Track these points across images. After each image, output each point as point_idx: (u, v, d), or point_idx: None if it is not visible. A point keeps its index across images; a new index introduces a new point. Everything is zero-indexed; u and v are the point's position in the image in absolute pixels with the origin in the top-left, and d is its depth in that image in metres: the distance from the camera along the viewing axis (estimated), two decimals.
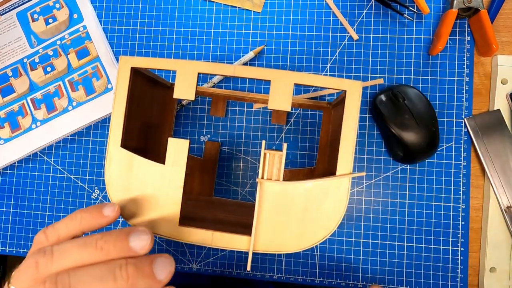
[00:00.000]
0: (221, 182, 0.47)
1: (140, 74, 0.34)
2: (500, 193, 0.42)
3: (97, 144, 0.48)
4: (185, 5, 0.48)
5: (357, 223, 0.44)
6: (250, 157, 0.47)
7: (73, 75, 0.48)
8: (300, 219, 0.30)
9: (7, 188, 0.49)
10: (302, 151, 0.46)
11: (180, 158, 0.30)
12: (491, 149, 0.43)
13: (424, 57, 0.45)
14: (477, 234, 0.44)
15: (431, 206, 0.44)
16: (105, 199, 0.47)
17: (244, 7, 0.47)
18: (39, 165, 0.49)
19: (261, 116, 0.47)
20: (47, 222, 0.48)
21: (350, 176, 0.30)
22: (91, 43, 0.48)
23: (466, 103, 0.44)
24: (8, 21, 0.49)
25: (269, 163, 0.30)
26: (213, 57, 0.48)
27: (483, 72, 0.45)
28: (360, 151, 0.45)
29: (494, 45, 0.41)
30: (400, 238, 0.44)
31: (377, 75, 0.45)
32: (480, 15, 0.42)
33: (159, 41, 0.48)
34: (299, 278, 0.45)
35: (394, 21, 0.46)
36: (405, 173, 0.44)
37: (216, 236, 0.30)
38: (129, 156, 0.31)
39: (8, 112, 0.48)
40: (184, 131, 0.47)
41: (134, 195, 0.31)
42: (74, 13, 0.48)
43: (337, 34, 0.46)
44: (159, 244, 0.46)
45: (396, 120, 0.41)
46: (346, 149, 0.30)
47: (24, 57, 0.49)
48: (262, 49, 0.47)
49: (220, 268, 0.46)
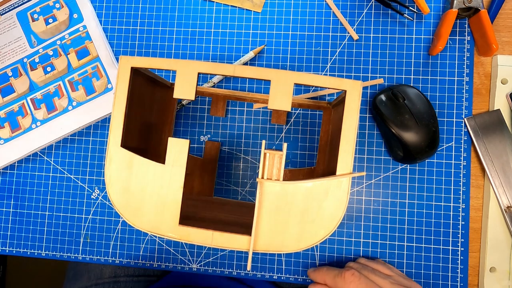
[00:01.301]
0: (221, 182, 0.47)
1: (140, 74, 0.34)
2: (500, 193, 0.42)
3: (97, 144, 0.48)
4: (185, 5, 0.48)
5: (357, 223, 0.44)
6: (250, 157, 0.47)
7: (73, 75, 0.48)
8: (300, 219, 0.30)
9: (7, 188, 0.49)
10: (302, 151, 0.46)
11: (180, 158, 0.30)
12: (491, 149, 0.43)
13: (424, 57, 0.45)
14: (477, 234, 0.44)
15: (431, 206, 0.44)
16: (105, 199, 0.47)
17: (244, 7, 0.47)
18: (39, 165, 0.49)
19: (261, 116, 0.47)
20: (47, 222, 0.48)
21: (350, 176, 0.30)
22: (91, 43, 0.48)
23: (466, 103, 0.44)
24: (8, 21, 0.49)
25: (269, 163, 0.30)
26: (213, 57, 0.48)
27: (483, 72, 0.45)
28: (360, 151, 0.45)
29: (494, 45, 0.41)
30: (400, 238, 0.44)
31: (377, 75, 0.45)
32: (480, 15, 0.42)
33: (159, 41, 0.48)
34: (299, 278, 0.45)
35: (394, 21, 0.46)
36: (405, 173, 0.44)
37: (216, 236, 0.30)
38: (129, 156, 0.31)
39: (8, 112, 0.48)
40: (184, 131, 0.47)
41: (134, 195, 0.31)
42: (74, 13, 0.49)
43: (337, 34, 0.46)
44: (159, 244, 0.46)
45: (396, 120, 0.41)
46: (346, 149, 0.30)
47: (24, 57, 0.49)
48: (262, 49, 0.47)
49: (220, 268, 0.46)
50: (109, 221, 0.47)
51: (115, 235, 0.47)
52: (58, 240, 0.48)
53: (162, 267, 0.46)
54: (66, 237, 0.47)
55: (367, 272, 0.38)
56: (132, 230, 0.47)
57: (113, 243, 0.47)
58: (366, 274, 0.38)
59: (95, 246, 0.47)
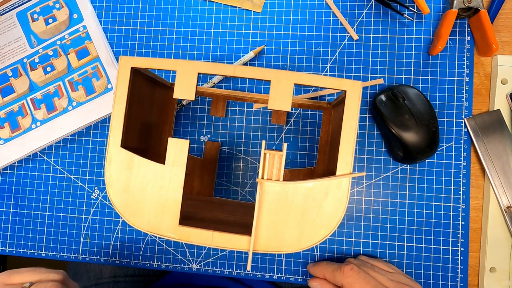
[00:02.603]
0: (221, 182, 0.47)
1: (140, 74, 0.34)
2: (500, 193, 0.42)
3: (97, 144, 0.48)
4: (185, 5, 0.48)
5: (357, 223, 0.44)
6: (250, 157, 0.47)
7: (73, 75, 0.48)
8: (300, 219, 0.30)
9: (7, 188, 0.49)
10: (302, 151, 0.46)
11: (180, 158, 0.30)
12: (491, 149, 0.43)
13: (424, 57, 0.45)
14: (477, 234, 0.44)
15: (431, 206, 0.44)
16: (105, 199, 0.47)
17: (244, 7, 0.47)
18: (39, 165, 0.49)
19: (261, 116, 0.47)
20: (47, 222, 0.48)
21: (350, 176, 0.30)
22: (91, 43, 0.48)
23: (466, 103, 0.44)
24: (8, 21, 0.49)
25: (269, 163, 0.30)
26: (213, 57, 0.48)
27: (483, 72, 0.45)
28: (360, 151, 0.45)
29: (494, 45, 0.41)
30: (400, 238, 0.44)
31: (377, 75, 0.45)
32: (480, 15, 0.42)
33: (159, 41, 0.48)
34: (299, 278, 0.45)
35: (394, 21, 0.46)
36: (405, 173, 0.44)
37: (216, 236, 0.30)
38: (129, 156, 0.31)
39: (8, 112, 0.48)
40: (184, 131, 0.47)
41: (134, 195, 0.31)
42: (74, 13, 0.48)
43: (337, 34, 0.46)
44: (159, 244, 0.46)
45: (396, 120, 0.41)
46: (346, 149, 0.30)
47: (24, 57, 0.49)
48: (262, 49, 0.47)
49: (220, 268, 0.46)
50: (109, 221, 0.47)
51: (115, 235, 0.47)
52: (58, 240, 0.48)
53: (162, 267, 0.46)
54: (66, 237, 0.47)
55: (366, 268, 0.38)
56: (132, 230, 0.47)
57: (113, 243, 0.47)
58: (365, 270, 0.38)
59: (95, 246, 0.47)
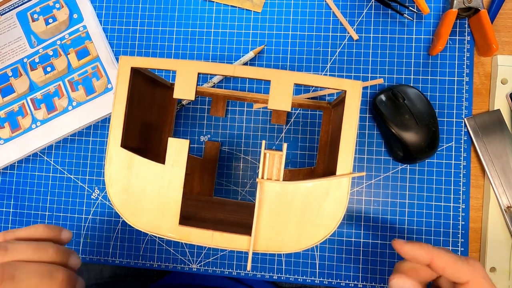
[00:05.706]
0: (221, 182, 0.47)
1: (140, 74, 0.34)
2: (500, 193, 0.42)
3: (97, 144, 0.48)
4: (185, 5, 0.48)
5: (357, 223, 0.44)
6: (250, 157, 0.47)
7: (73, 75, 0.48)
8: (300, 219, 0.30)
9: (7, 188, 0.49)
10: (302, 151, 0.46)
11: (180, 158, 0.30)
12: (491, 149, 0.43)
13: (424, 57, 0.45)
14: (477, 234, 0.44)
15: (431, 206, 0.44)
16: (105, 199, 0.47)
17: (244, 7, 0.47)
18: (39, 165, 0.49)
19: (261, 116, 0.47)
20: (47, 222, 0.48)
21: (350, 176, 0.30)
22: (91, 43, 0.48)
23: (466, 103, 0.44)
24: (8, 21, 0.49)
25: (269, 163, 0.30)
26: (213, 57, 0.48)
27: (483, 72, 0.45)
28: (360, 151, 0.45)
29: (494, 45, 0.41)
30: (400, 238, 0.44)
31: (377, 75, 0.45)
32: (480, 15, 0.42)
33: (159, 41, 0.48)
34: (299, 278, 0.45)
35: (394, 21, 0.46)
36: (405, 173, 0.44)
37: (216, 236, 0.30)
38: (129, 156, 0.31)
39: (8, 112, 0.48)
40: (184, 131, 0.47)
41: (134, 195, 0.31)
42: (74, 13, 0.48)
43: (337, 34, 0.46)
44: (159, 244, 0.46)
45: (396, 120, 0.41)
46: (346, 149, 0.30)
47: (24, 57, 0.49)
48: (262, 49, 0.47)
49: (220, 268, 0.46)
50: (109, 221, 0.47)
51: (115, 235, 0.47)
52: None
53: (162, 267, 0.46)
54: None
55: None
56: (132, 230, 0.47)
57: (113, 243, 0.47)
58: None
59: (95, 246, 0.47)
